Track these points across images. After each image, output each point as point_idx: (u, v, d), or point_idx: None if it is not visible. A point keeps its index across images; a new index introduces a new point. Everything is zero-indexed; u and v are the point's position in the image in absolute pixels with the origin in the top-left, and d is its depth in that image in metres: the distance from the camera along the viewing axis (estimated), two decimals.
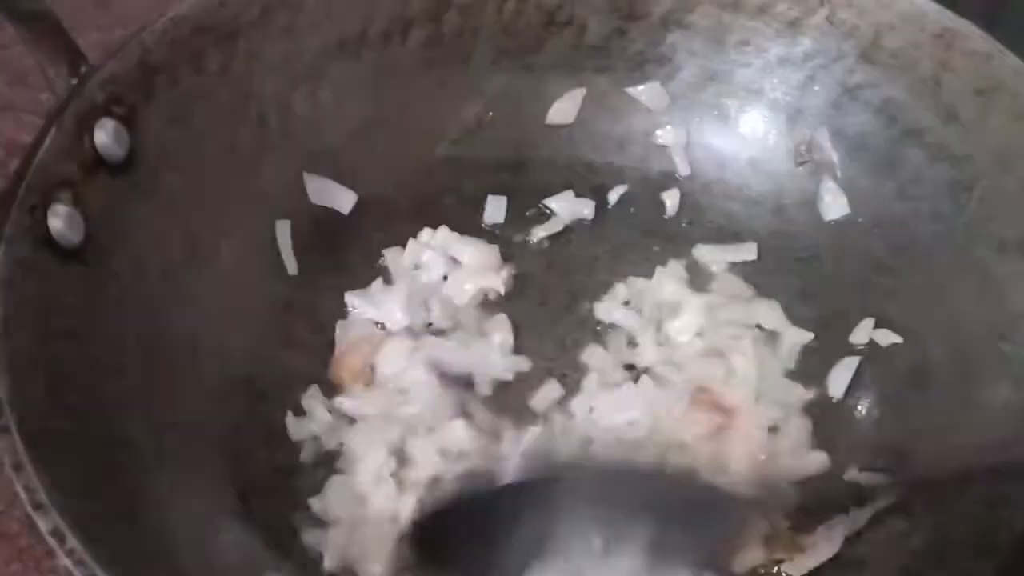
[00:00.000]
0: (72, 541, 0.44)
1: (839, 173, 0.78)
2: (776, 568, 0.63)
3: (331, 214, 0.77)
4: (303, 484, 0.65)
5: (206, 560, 0.54)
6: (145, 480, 0.55)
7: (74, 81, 0.61)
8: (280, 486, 0.64)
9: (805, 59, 0.78)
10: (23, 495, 0.45)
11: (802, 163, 0.80)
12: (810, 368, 0.73)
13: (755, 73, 0.80)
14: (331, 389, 0.70)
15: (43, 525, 0.44)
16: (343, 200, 0.77)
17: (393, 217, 0.78)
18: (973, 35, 0.70)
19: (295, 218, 0.74)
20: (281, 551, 0.59)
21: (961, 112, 0.71)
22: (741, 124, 0.82)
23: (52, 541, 0.44)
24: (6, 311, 0.51)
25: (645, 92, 0.82)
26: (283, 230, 0.74)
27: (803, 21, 0.76)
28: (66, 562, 0.43)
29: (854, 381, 0.72)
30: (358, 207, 0.78)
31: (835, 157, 0.78)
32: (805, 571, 0.63)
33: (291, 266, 0.74)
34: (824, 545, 0.63)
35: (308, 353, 0.72)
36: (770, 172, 0.81)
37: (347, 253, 0.76)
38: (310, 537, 0.62)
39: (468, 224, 0.79)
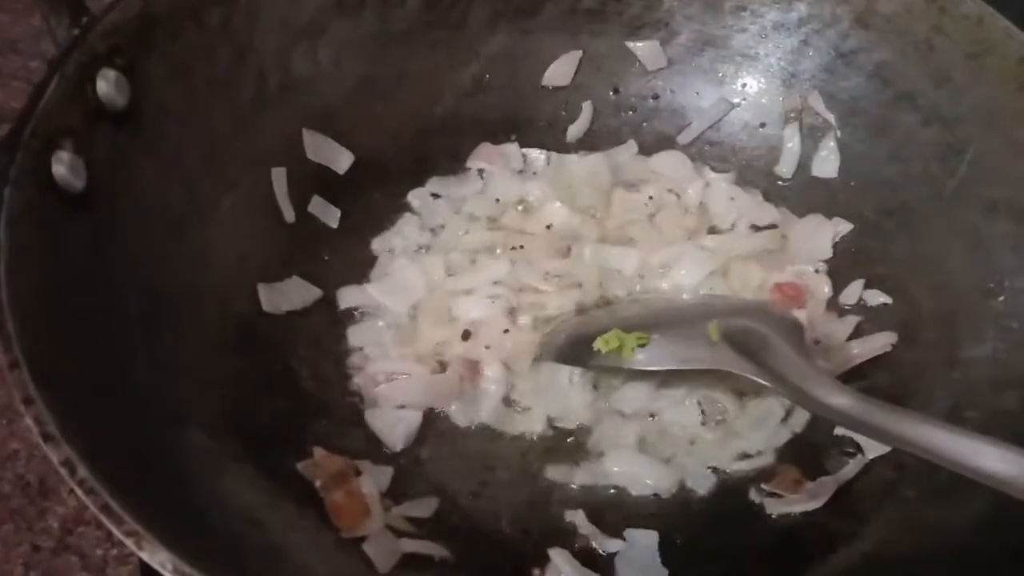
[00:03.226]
0: (83, 471, 0.44)
1: (839, 134, 0.79)
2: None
3: (329, 172, 0.77)
4: (303, 433, 0.65)
5: (214, 494, 0.55)
6: (150, 421, 0.55)
7: (76, 31, 0.61)
8: (281, 433, 0.64)
9: (800, 24, 0.79)
10: (34, 427, 0.45)
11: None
12: None
13: (750, 38, 0.81)
14: None
15: (54, 456, 0.45)
16: (340, 159, 0.78)
17: (390, 176, 0.79)
18: None
19: (293, 175, 0.75)
20: (283, 493, 0.60)
21: (953, 75, 0.72)
22: (736, 89, 0.83)
23: (63, 471, 0.44)
24: (11, 251, 0.51)
25: (643, 49, 0.83)
26: (279, 177, 0.74)
27: None
28: (77, 491, 0.44)
29: None
30: (355, 165, 0.78)
31: (832, 119, 0.79)
32: (784, 511, 0.64)
33: (288, 213, 0.74)
34: (817, 495, 0.64)
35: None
36: (766, 136, 0.82)
37: (344, 210, 0.77)
38: None
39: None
